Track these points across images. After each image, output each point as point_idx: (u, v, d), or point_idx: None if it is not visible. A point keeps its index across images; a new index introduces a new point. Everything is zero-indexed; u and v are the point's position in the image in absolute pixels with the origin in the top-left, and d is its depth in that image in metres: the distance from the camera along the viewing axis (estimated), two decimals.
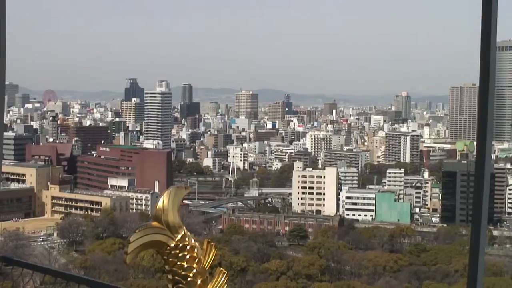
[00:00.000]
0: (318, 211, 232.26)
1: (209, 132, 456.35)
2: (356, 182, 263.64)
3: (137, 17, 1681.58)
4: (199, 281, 5.40)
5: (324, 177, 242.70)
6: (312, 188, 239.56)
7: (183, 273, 5.37)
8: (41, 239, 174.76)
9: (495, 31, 4.41)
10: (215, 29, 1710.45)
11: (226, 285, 5.53)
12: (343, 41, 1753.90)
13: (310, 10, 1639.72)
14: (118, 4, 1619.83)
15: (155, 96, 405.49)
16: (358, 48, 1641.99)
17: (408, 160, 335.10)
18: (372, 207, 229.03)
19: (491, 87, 4.45)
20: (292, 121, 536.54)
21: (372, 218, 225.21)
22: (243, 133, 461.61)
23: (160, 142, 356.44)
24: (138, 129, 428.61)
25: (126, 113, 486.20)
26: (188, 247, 5.39)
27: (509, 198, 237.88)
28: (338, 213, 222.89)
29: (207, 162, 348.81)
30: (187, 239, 5.41)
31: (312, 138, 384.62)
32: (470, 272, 4.45)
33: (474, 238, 4.41)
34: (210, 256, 5.50)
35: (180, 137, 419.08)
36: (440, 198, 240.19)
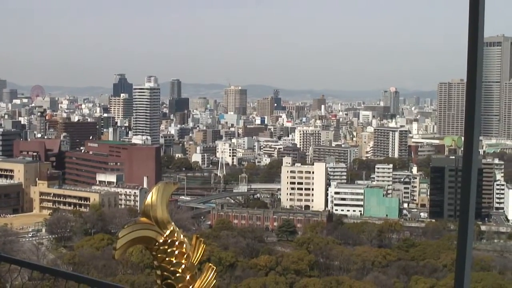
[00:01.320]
0: (307, 207, 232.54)
1: (197, 128, 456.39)
2: (344, 177, 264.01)
3: (126, 14, 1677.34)
4: (188, 277, 5.40)
5: (313, 172, 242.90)
6: (301, 183, 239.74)
7: (172, 268, 5.36)
8: (29, 235, 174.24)
9: (482, 27, 4.40)
10: (205, 25, 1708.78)
11: (215, 281, 5.52)
12: (332, 37, 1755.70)
13: (300, 7, 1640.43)
14: (107, 1, 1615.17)
15: (143, 92, 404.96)
16: (346, 44, 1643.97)
17: (396, 155, 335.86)
18: (361, 203, 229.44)
19: (478, 82, 4.44)
20: (280, 116, 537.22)
21: (360, 214, 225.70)
22: (232, 129, 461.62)
23: (149, 137, 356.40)
24: (126, 124, 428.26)
25: (114, 108, 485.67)
26: (176, 243, 5.39)
27: (497, 193, 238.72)
28: (326, 209, 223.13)
29: (196, 157, 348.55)
30: (175, 234, 5.40)
31: (300, 134, 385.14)
32: (458, 266, 4.46)
33: (461, 233, 4.41)
34: (199, 252, 5.49)
35: (168, 132, 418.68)
36: (429, 193, 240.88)
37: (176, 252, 5.37)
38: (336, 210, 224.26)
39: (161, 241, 5.33)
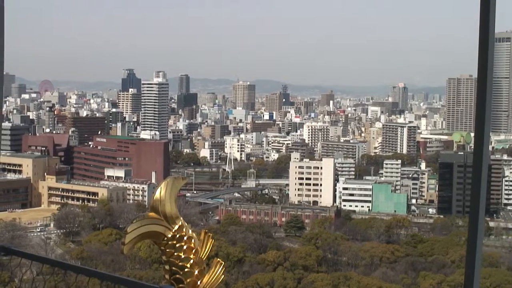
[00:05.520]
0: (315, 202, 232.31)
1: (206, 123, 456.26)
2: (353, 173, 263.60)
3: (135, 9, 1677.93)
4: (196, 272, 5.43)
5: (321, 168, 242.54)
6: (309, 179, 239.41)
7: (180, 263, 5.39)
8: (37, 230, 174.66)
9: (493, 23, 4.36)
10: (212, 20, 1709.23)
11: (223, 276, 5.55)
12: (341, 32, 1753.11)
13: (309, 3, 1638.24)
14: None
15: (152, 87, 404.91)
16: (355, 39, 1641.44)
17: (405, 151, 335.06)
18: (369, 198, 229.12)
19: (489, 78, 4.40)
20: (289, 112, 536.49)
21: (369, 209, 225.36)
22: (240, 124, 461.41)
23: (157, 132, 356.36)
24: (135, 119, 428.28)
25: (123, 103, 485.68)
26: (185, 238, 5.42)
27: (506, 190, 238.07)
28: (335, 204, 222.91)
29: (204, 153, 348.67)
30: (184, 229, 5.44)
31: (309, 129, 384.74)
32: (468, 263, 4.45)
33: (471, 229, 4.41)
34: (207, 247, 5.53)
35: (177, 127, 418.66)
36: (437, 189, 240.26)
37: (185, 247, 5.41)
38: (344, 205, 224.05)
39: (169, 236, 5.36)
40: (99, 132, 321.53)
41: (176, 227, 5.39)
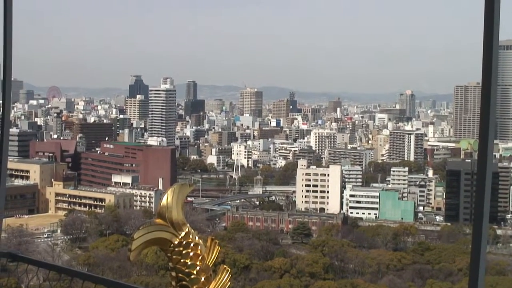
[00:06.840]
0: (322, 209, 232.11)
1: (213, 130, 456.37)
2: (360, 180, 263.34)
3: (141, 15, 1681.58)
4: (202, 278, 5.43)
5: (328, 175, 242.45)
6: (316, 186, 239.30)
7: (186, 270, 5.40)
8: (44, 236, 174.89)
9: (498, 30, 4.37)
10: (220, 26, 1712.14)
11: (229, 283, 5.55)
12: (348, 39, 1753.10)
13: (315, 8, 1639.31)
14: (123, 2, 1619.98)
15: (159, 93, 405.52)
16: (362, 46, 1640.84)
17: (412, 158, 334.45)
18: (376, 206, 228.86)
19: (493, 85, 4.41)
20: (296, 119, 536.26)
21: (376, 217, 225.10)
22: (248, 131, 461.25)
23: (164, 139, 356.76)
24: (142, 126, 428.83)
25: (130, 110, 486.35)
26: (191, 245, 5.42)
27: None
28: (342, 211, 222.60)
29: (211, 159, 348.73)
30: (191, 236, 5.44)
31: (316, 136, 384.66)
32: (472, 270, 4.46)
33: (475, 236, 4.43)
34: (214, 254, 5.52)
35: (184, 134, 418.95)
36: (444, 197, 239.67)
37: (191, 253, 5.41)
38: (351, 213, 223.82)
39: (176, 242, 5.37)
40: (107, 138, 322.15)
41: (183, 233, 5.40)
